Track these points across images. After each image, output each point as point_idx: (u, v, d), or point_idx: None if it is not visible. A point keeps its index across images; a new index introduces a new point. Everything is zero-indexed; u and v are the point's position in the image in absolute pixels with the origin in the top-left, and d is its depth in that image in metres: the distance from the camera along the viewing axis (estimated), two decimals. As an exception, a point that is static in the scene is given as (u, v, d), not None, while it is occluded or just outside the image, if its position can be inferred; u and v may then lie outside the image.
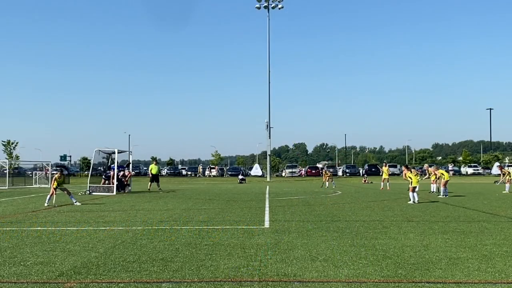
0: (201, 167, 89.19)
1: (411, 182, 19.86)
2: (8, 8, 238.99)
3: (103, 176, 29.17)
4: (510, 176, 28.76)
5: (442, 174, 24.82)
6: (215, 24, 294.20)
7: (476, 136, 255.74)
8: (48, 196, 20.12)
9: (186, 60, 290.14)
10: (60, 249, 9.10)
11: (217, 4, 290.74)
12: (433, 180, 26.51)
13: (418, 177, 20.78)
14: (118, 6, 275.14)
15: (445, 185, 23.85)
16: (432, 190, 26.48)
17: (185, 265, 7.58)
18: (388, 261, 7.85)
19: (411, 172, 20.89)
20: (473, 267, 7.43)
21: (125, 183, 29.41)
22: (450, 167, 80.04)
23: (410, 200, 19.79)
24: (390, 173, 36.86)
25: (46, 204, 19.51)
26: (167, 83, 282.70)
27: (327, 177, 37.20)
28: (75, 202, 19.97)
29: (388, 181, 32.60)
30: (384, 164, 37.43)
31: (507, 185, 28.21)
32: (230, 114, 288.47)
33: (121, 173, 29.24)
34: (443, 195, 23.40)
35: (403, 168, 23.92)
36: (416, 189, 19.81)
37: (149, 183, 31.92)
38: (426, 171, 28.31)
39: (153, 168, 31.87)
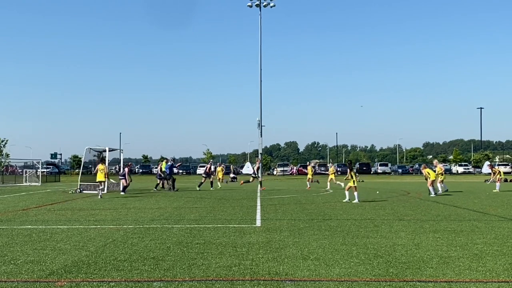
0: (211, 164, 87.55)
1: (430, 177, 23.69)
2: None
3: (120, 176, 28.23)
4: (500, 175, 28.95)
5: (428, 173, 24.78)
6: (207, 22, 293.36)
7: (466, 135, 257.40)
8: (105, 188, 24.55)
9: (177, 58, 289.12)
10: (50, 248, 9.05)
11: (208, 3, 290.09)
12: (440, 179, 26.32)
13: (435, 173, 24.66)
14: (109, 3, 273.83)
15: (431, 184, 23.92)
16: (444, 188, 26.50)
17: (176, 264, 7.56)
18: (379, 260, 7.87)
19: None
20: (464, 266, 7.45)
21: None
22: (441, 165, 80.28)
23: (431, 193, 23.33)
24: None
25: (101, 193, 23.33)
26: (158, 81, 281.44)
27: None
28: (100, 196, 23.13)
29: (333, 181, 32.35)
30: (330, 164, 37.37)
31: (498, 184, 28.39)
32: (222, 112, 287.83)
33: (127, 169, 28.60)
34: (433, 194, 23.47)
35: (422, 166, 27.98)
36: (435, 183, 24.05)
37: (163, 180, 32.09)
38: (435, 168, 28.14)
39: (163, 166, 32.17)
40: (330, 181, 32.11)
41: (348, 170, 20.67)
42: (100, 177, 23.52)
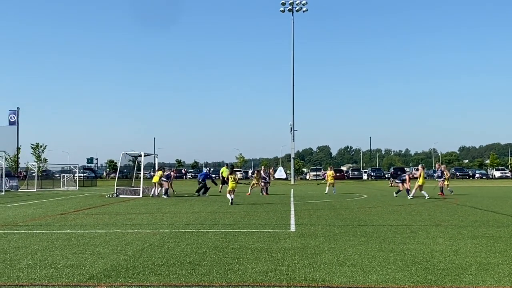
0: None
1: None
2: (33, 11, 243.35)
3: (163, 178, 28.33)
4: None
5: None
6: (239, 26, 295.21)
7: (503, 139, 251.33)
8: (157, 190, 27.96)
9: (210, 63, 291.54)
10: (89, 252, 9.21)
11: (242, 7, 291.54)
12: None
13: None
14: (141, 7, 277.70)
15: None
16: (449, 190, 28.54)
17: (213, 269, 7.61)
18: (417, 266, 7.77)
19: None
20: (504, 272, 7.31)
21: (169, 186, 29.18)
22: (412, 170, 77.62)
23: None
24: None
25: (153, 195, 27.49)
26: (192, 86, 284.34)
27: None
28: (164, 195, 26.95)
29: (333, 186, 31.59)
30: (329, 168, 36.77)
31: None
32: (254, 116, 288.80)
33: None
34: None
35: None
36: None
37: (220, 185, 32.93)
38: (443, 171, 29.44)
39: (224, 171, 33.10)
40: (329, 185, 31.92)
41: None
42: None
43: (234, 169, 24.29)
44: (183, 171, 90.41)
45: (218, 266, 7.85)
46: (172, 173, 28.24)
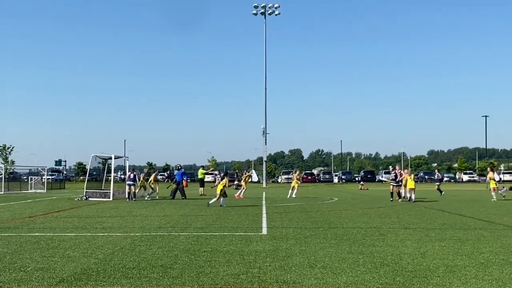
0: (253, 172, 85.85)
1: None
2: (10, 7, 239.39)
3: (128, 183, 27.88)
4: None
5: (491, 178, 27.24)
6: (212, 29, 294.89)
7: (471, 143, 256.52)
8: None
9: (182, 65, 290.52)
10: (59, 255, 9.12)
11: (214, 10, 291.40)
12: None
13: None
14: (111, 10, 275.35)
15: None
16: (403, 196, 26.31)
17: (184, 272, 7.62)
18: (386, 268, 7.91)
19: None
20: (470, 275, 7.48)
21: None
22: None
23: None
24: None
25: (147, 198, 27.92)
26: (163, 88, 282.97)
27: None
28: (146, 197, 27.86)
29: (295, 189, 30.81)
30: (295, 171, 36.21)
31: (496, 192, 27.42)
32: (226, 119, 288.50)
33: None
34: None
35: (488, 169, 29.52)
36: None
37: (200, 188, 33.44)
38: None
39: (200, 173, 34.21)
40: (292, 189, 30.80)
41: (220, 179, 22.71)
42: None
43: (226, 174, 25.19)
44: (166, 174, 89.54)
45: (190, 269, 7.86)
46: (135, 175, 27.98)
